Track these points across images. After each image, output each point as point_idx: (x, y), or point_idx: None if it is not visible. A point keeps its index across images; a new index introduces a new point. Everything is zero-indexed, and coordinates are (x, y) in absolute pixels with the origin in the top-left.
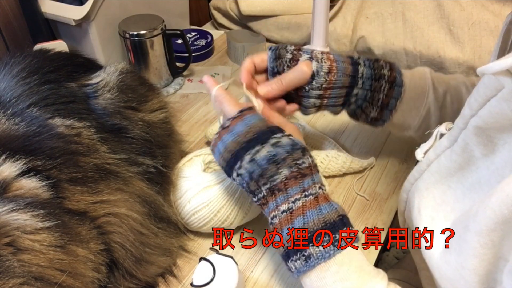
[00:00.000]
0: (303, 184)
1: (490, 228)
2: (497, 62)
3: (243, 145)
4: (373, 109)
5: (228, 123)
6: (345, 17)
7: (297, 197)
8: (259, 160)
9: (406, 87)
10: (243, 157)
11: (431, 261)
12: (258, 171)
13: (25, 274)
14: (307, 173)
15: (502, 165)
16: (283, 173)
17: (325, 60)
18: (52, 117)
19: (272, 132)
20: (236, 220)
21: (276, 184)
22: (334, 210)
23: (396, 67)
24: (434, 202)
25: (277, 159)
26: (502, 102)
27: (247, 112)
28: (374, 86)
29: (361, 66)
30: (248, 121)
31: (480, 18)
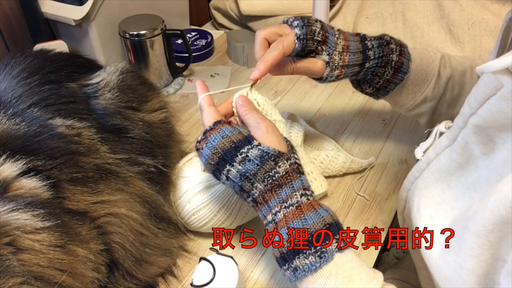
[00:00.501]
0: (281, 195)
1: (488, 229)
2: (497, 61)
3: (215, 167)
4: (369, 88)
5: (204, 136)
6: (345, 17)
7: (277, 209)
8: (233, 178)
9: (410, 74)
10: (220, 175)
11: (430, 260)
12: (237, 187)
13: (25, 273)
14: (283, 183)
15: (501, 164)
16: (258, 188)
17: (339, 68)
18: (53, 117)
19: (236, 149)
20: (236, 220)
21: (256, 198)
22: (320, 220)
23: (406, 52)
24: (434, 201)
25: (248, 175)
26: (501, 101)
27: (210, 132)
28: (377, 71)
29: (369, 60)
30: (210, 144)
31: (480, 18)
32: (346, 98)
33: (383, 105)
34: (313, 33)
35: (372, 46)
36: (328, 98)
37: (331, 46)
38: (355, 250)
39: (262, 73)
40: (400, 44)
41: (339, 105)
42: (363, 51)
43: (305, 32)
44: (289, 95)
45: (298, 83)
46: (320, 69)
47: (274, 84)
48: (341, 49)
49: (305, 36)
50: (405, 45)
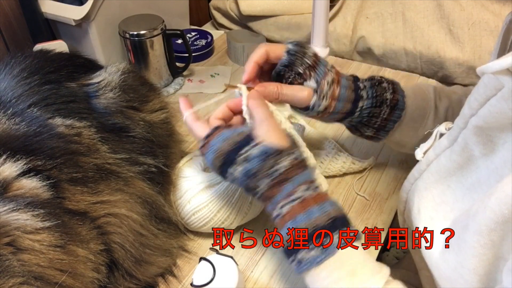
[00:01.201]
0: (284, 190)
1: (489, 228)
2: (497, 61)
3: (221, 168)
4: (368, 130)
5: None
6: (345, 17)
7: (283, 203)
8: (239, 177)
9: (407, 110)
10: (225, 175)
11: (431, 260)
12: (244, 184)
13: (25, 273)
14: (286, 178)
15: (501, 164)
16: (263, 185)
17: (327, 98)
18: (53, 117)
19: (237, 150)
20: (236, 220)
21: (262, 194)
22: (325, 213)
23: (399, 89)
24: (434, 202)
25: (251, 174)
26: (502, 101)
27: (211, 137)
28: (373, 112)
29: (362, 101)
30: (213, 147)
31: (480, 18)
32: None
33: None
34: (304, 53)
35: (365, 87)
36: None
37: (319, 74)
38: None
39: (248, 73)
40: (392, 82)
41: None
42: (355, 90)
43: (296, 49)
44: None
45: None
46: (307, 97)
47: None
48: (330, 80)
49: (295, 52)
50: (397, 82)
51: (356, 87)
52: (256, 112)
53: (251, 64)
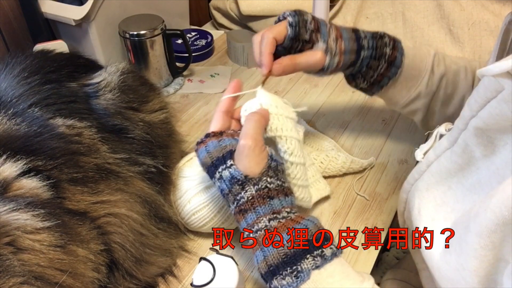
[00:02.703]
0: (247, 219)
1: (490, 230)
2: (497, 64)
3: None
4: (363, 82)
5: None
6: (345, 17)
7: (246, 233)
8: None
9: (403, 68)
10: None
11: (431, 261)
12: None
13: (25, 273)
14: (248, 208)
15: (502, 165)
16: (231, 207)
17: (337, 54)
18: (53, 117)
19: (215, 166)
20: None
21: (234, 215)
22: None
23: (399, 46)
24: (434, 202)
25: (224, 193)
26: (502, 103)
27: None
28: (371, 64)
29: (364, 50)
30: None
31: (480, 18)
32: (346, 98)
33: (383, 105)
34: (305, 21)
35: (365, 37)
36: (328, 98)
37: (324, 34)
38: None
39: (267, 66)
40: (394, 38)
41: (339, 105)
42: (356, 39)
43: (297, 20)
44: (289, 95)
45: (298, 83)
46: (320, 59)
47: (274, 84)
48: (334, 37)
49: (297, 23)
50: (398, 40)
51: (357, 37)
52: (244, 126)
53: (267, 57)
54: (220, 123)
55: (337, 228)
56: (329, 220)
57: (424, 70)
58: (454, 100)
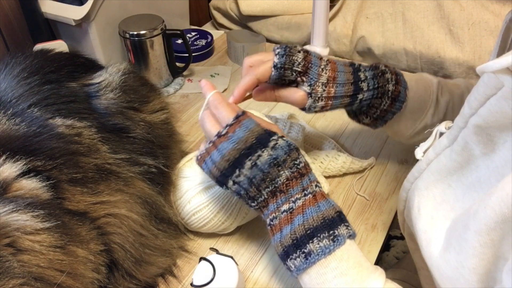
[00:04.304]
0: (302, 183)
1: (490, 227)
2: (497, 60)
3: (243, 151)
4: (366, 118)
5: (225, 131)
6: (345, 17)
7: (297, 196)
8: (261, 165)
9: (408, 102)
10: (243, 164)
11: (431, 260)
12: (259, 176)
13: (25, 274)
14: (305, 172)
15: (502, 163)
16: (284, 175)
17: (323, 98)
18: (53, 117)
19: (269, 135)
20: (236, 220)
21: (278, 186)
22: (332, 207)
23: (402, 80)
24: (434, 201)
25: (278, 161)
26: (502, 100)
27: (243, 117)
28: (374, 102)
29: (363, 92)
30: (246, 127)
31: (480, 18)
32: None
33: None
34: (292, 63)
35: (366, 78)
36: None
37: (313, 77)
38: None
39: (236, 99)
40: (396, 72)
41: None
42: (354, 83)
43: (283, 61)
44: None
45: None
46: (301, 100)
47: None
48: (325, 81)
49: (282, 65)
50: (400, 73)
51: (356, 79)
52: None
53: (240, 92)
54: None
55: None
56: None
57: (429, 101)
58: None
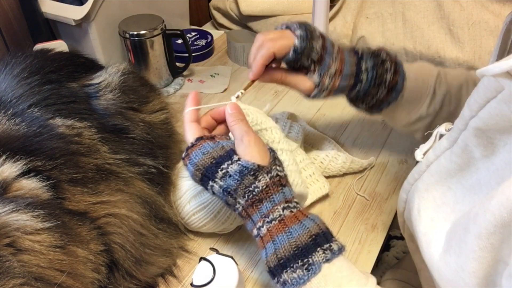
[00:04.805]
0: (262, 210)
1: (489, 231)
2: (497, 64)
3: (200, 181)
4: (362, 105)
5: (184, 154)
6: (345, 17)
7: (260, 224)
8: (217, 193)
9: (404, 92)
10: (206, 185)
11: (431, 262)
12: (224, 200)
13: (25, 274)
14: (263, 197)
15: (502, 166)
16: (240, 203)
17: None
18: (53, 117)
19: (217, 165)
20: (236, 220)
21: (240, 212)
22: (306, 231)
23: (401, 70)
24: (434, 203)
25: (230, 190)
26: (502, 103)
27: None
28: (370, 91)
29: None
30: (192, 161)
31: (480, 18)
32: None
33: None
34: (311, 50)
35: (366, 69)
36: None
37: (324, 68)
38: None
39: (255, 74)
40: (395, 62)
41: (339, 105)
42: (356, 75)
43: (304, 46)
44: (289, 95)
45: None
46: (308, 89)
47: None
48: (333, 73)
49: (302, 50)
50: (400, 62)
51: (358, 70)
52: (234, 129)
53: (259, 67)
54: (197, 131)
55: (337, 228)
56: (329, 220)
57: (426, 93)
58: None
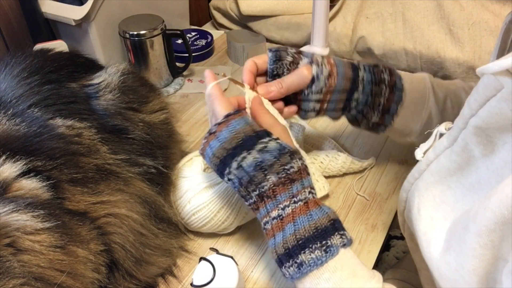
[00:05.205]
0: (292, 190)
1: (489, 229)
2: (497, 62)
3: (229, 151)
4: (374, 114)
5: (215, 129)
6: (345, 17)
7: (286, 203)
8: (246, 167)
9: (406, 92)
10: (230, 163)
11: (431, 261)
12: (246, 178)
13: (25, 274)
14: (296, 178)
15: (502, 165)
16: (270, 180)
17: (326, 65)
18: (53, 117)
19: (258, 137)
20: (236, 220)
21: (265, 191)
22: (325, 215)
23: (395, 72)
24: (434, 202)
25: (264, 165)
26: (501, 102)
27: (233, 117)
28: (375, 90)
29: (361, 71)
30: (233, 127)
31: (480, 18)
32: None
33: None
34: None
35: (363, 66)
36: None
37: (308, 56)
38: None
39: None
40: (389, 67)
41: None
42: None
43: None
44: None
45: None
46: (307, 72)
47: None
48: (321, 58)
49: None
50: (392, 68)
51: (352, 65)
52: (263, 119)
53: (246, 73)
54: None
55: None
56: None
57: (427, 90)
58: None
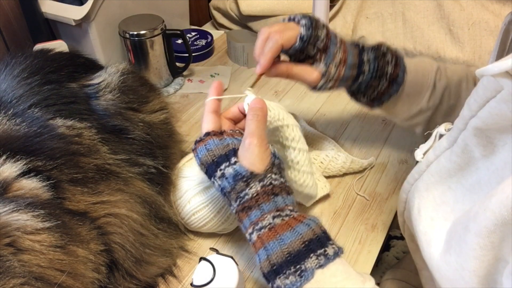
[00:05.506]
0: (250, 217)
1: (489, 230)
2: (496, 64)
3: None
4: (363, 97)
5: (194, 147)
6: (345, 17)
7: (250, 230)
8: (217, 190)
9: (405, 85)
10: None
11: (431, 261)
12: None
13: (26, 274)
14: (252, 205)
15: (502, 166)
16: (233, 206)
17: (333, 79)
18: (53, 117)
19: (217, 164)
20: (236, 220)
21: (236, 213)
22: (298, 237)
23: (401, 63)
24: (434, 202)
25: (226, 191)
26: (501, 103)
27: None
28: (372, 83)
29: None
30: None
31: (480, 18)
32: (346, 99)
33: None
34: (317, 38)
35: (368, 60)
36: (328, 99)
37: (329, 56)
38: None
39: (263, 67)
40: (396, 55)
41: (339, 105)
42: (359, 66)
43: (309, 34)
44: (289, 95)
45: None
46: (315, 79)
47: (274, 84)
48: (338, 62)
49: (308, 38)
50: (401, 56)
51: (360, 61)
52: (248, 125)
53: (267, 60)
54: (212, 123)
55: (337, 228)
56: (329, 220)
57: (427, 86)
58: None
